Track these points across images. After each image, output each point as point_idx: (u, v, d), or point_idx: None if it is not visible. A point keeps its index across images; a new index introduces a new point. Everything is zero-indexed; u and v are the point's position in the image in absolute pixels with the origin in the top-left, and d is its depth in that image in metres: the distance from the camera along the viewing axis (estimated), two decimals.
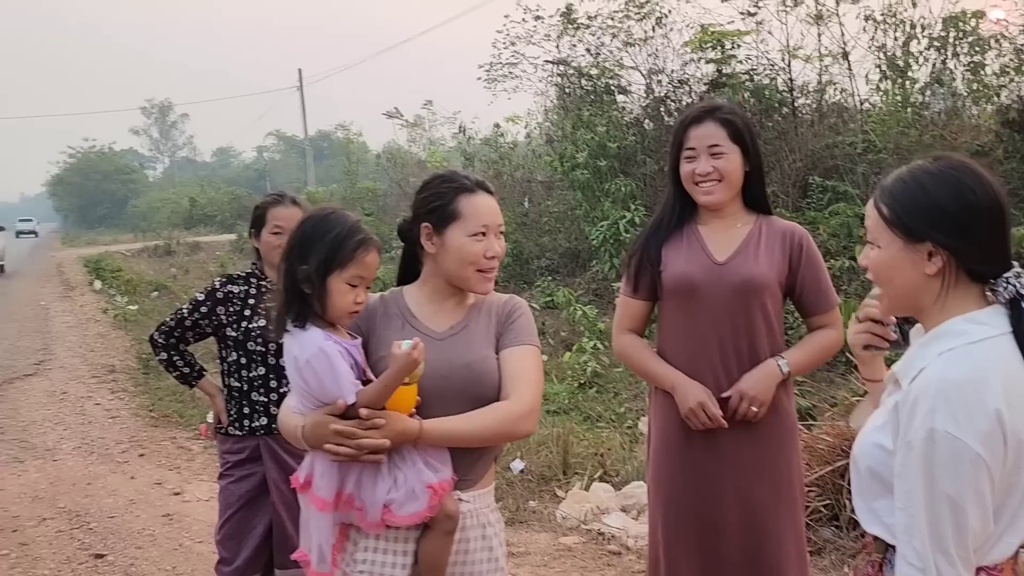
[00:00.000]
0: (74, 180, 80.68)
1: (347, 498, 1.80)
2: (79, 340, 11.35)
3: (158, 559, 4.14)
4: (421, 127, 25.72)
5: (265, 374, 2.84)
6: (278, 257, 2.78)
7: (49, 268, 27.85)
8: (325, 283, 1.81)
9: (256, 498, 2.83)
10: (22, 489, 5.28)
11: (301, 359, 1.77)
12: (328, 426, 1.73)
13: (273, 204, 2.92)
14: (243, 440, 2.86)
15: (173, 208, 54.51)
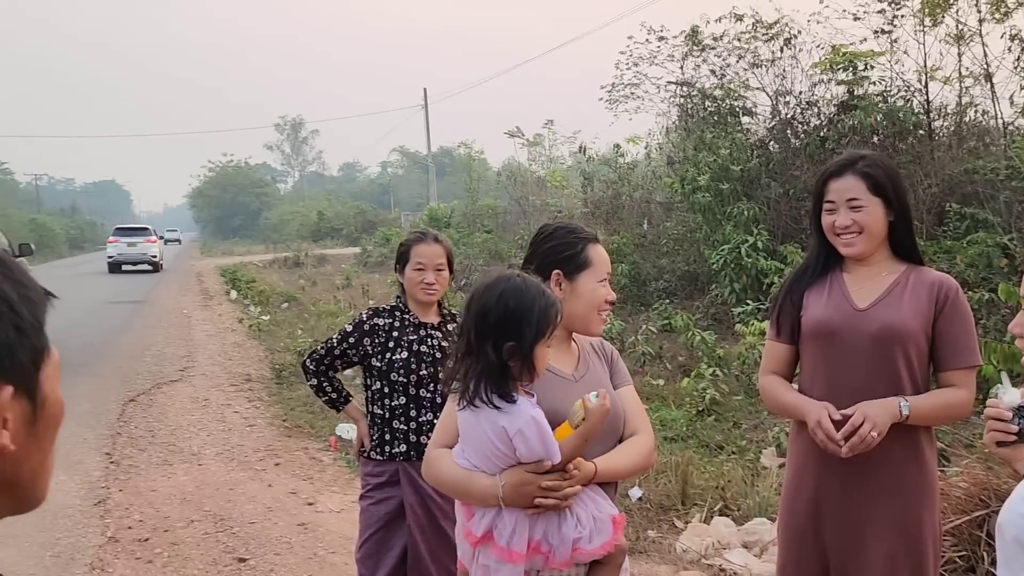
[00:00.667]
0: (212, 192, 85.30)
1: (535, 545, 1.90)
2: (218, 349, 12.06)
3: (295, 567, 4.39)
4: (541, 146, 26.05)
5: (406, 403, 3.01)
6: (421, 292, 2.98)
7: (190, 277, 29.55)
8: (533, 353, 1.89)
9: (394, 520, 3.00)
10: (172, 491, 5.68)
11: (512, 429, 1.86)
12: (536, 484, 1.87)
13: (416, 242, 3.09)
14: (384, 464, 3.03)
15: (302, 221, 56.87)
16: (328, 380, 3.22)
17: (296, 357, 10.05)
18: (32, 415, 0.88)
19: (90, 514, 5.24)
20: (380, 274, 24.30)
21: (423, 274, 3.03)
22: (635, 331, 9.95)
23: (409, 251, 3.08)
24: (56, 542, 4.77)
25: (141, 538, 4.84)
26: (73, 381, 9.61)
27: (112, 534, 4.90)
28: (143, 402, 8.54)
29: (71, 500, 5.49)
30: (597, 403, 1.88)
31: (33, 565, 4.45)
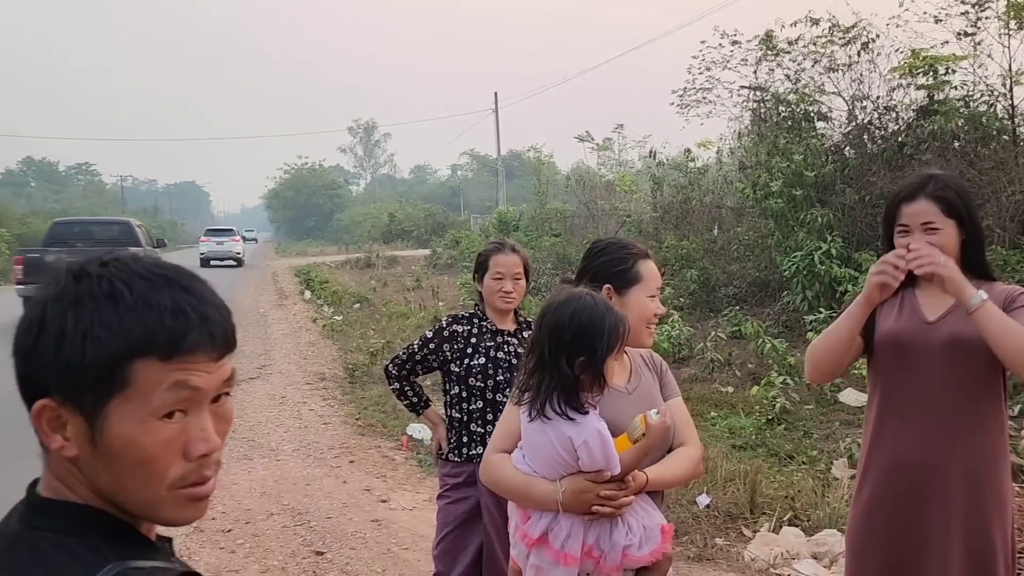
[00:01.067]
0: (287, 194, 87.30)
1: (587, 549, 2.02)
2: (293, 347, 12.42)
3: (370, 561, 4.55)
4: (611, 150, 26.03)
5: (483, 407, 3.12)
6: (499, 300, 3.09)
7: (265, 276, 30.35)
8: (604, 367, 2.00)
9: (470, 519, 3.11)
10: (252, 485, 5.92)
11: (578, 440, 1.96)
12: (595, 492, 1.99)
13: (495, 252, 3.20)
14: (461, 466, 3.15)
15: (373, 222, 57.75)
16: (409, 384, 3.36)
17: (368, 358, 10.31)
18: (90, 435, 0.91)
19: None
20: (449, 276, 24.59)
21: (501, 283, 3.14)
22: (704, 337, 9.91)
23: (488, 261, 3.19)
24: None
25: (224, 529, 5.06)
26: None
27: (197, 524, 5.13)
28: None
29: None
30: (658, 420, 1.98)
31: None
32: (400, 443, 6.94)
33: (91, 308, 0.91)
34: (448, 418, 3.22)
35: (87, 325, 0.90)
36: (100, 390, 0.90)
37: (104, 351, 0.90)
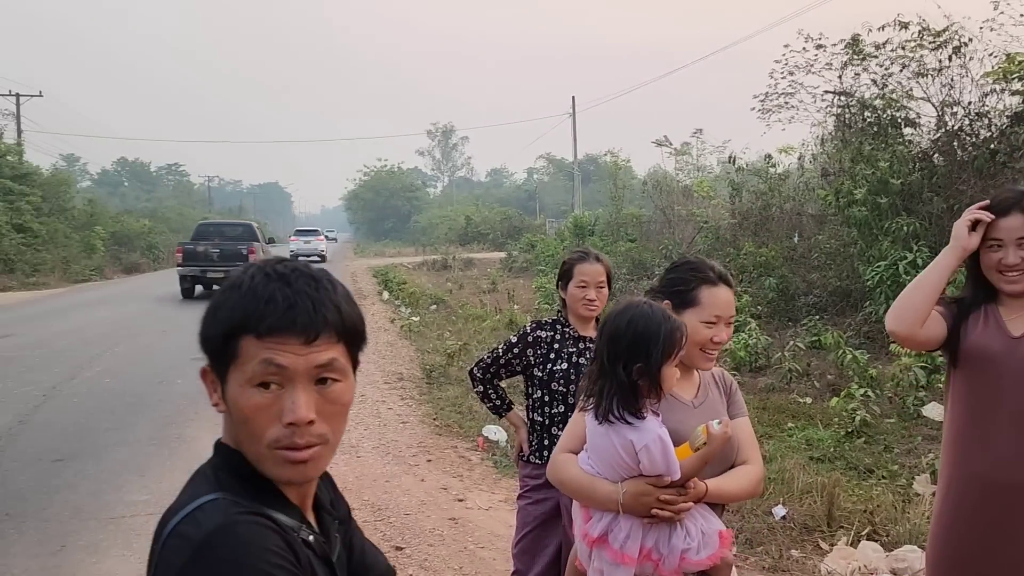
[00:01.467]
0: (367, 196, 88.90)
1: (646, 552, 2.09)
2: (372, 347, 12.67)
3: (447, 558, 4.67)
4: (689, 155, 25.75)
5: (564, 411, 3.20)
6: (583, 308, 3.17)
7: (344, 276, 30.99)
8: (660, 373, 2.08)
9: (549, 520, 3.20)
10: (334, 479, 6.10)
11: (639, 444, 2.05)
12: (654, 495, 2.06)
13: (579, 260, 3.28)
14: (542, 468, 3.23)
15: (450, 225, 58.35)
16: (493, 388, 3.47)
17: (445, 359, 10.49)
18: (224, 395, 1.17)
19: None
20: (525, 279, 24.73)
21: (585, 291, 3.22)
22: (782, 347, 9.78)
23: (572, 269, 3.27)
24: None
25: None
26: None
27: None
28: None
29: None
30: (720, 430, 2.05)
31: None
32: (476, 444, 7.06)
33: (223, 294, 1.17)
34: (530, 421, 3.31)
35: (218, 305, 1.16)
36: (223, 358, 1.15)
37: (220, 327, 1.14)
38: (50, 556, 4.65)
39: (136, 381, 9.86)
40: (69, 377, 10.03)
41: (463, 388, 9.14)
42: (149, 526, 4.90)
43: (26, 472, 6.21)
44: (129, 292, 25.06)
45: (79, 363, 11.07)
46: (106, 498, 5.62)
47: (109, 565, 4.53)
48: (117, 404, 8.58)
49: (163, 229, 49.31)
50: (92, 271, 34.42)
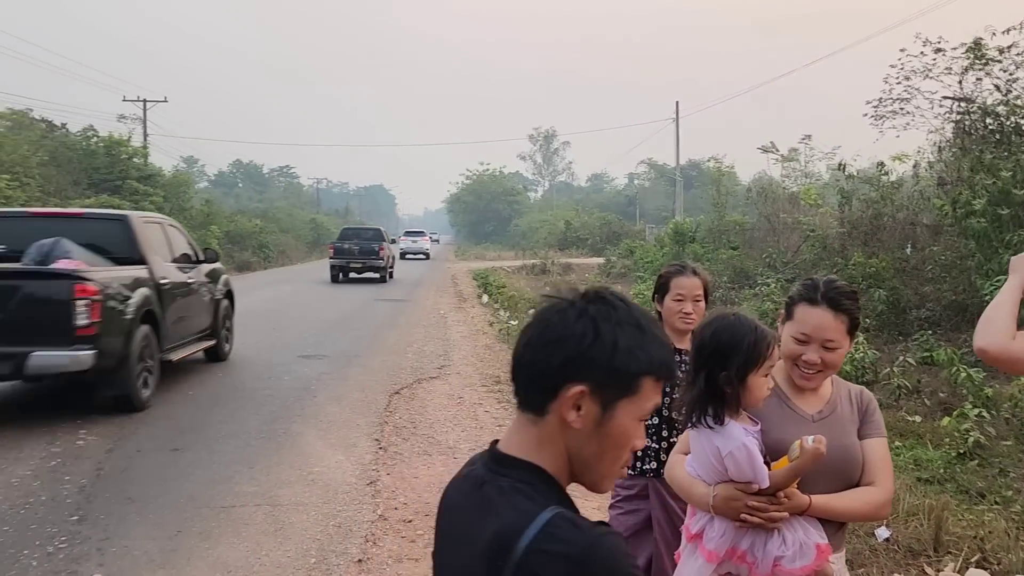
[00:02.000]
0: (468, 199, 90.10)
1: (740, 554, 2.16)
2: (471, 350, 12.89)
3: None
4: (796, 161, 25.13)
5: (659, 424, 3.20)
6: (679, 321, 3.17)
7: (445, 279, 31.51)
8: (745, 382, 2.16)
9: (641, 532, 3.20)
10: (431, 479, 6.25)
11: (724, 450, 2.14)
12: (743, 501, 2.13)
13: (676, 274, 3.28)
14: (634, 479, 3.25)
15: (550, 229, 58.57)
16: None
17: None
18: (599, 420, 1.28)
19: (363, 493, 5.92)
20: (623, 285, 24.59)
21: (682, 304, 3.21)
22: (891, 362, 9.45)
23: (669, 282, 3.27)
24: (337, 514, 5.46)
25: (406, 519, 5.41)
26: (347, 371, 10.75)
27: (382, 513, 5.51)
28: (406, 395, 9.39)
29: (348, 478, 6.23)
30: (812, 446, 2.08)
31: (320, 531, 5.14)
32: None
33: (631, 333, 1.29)
34: None
35: (633, 345, 1.28)
36: (621, 390, 1.28)
37: (637, 365, 1.28)
38: (167, 540, 4.93)
39: (246, 376, 10.31)
40: (182, 370, 10.55)
41: None
42: (257, 516, 5.14)
43: (147, 459, 6.59)
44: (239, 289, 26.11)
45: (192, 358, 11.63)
46: (218, 488, 5.91)
47: (220, 551, 4.77)
48: (229, 398, 8.99)
49: (273, 229, 51.17)
50: None
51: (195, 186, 58.97)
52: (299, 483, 6.08)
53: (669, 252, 24.99)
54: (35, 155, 34.28)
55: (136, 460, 6.57)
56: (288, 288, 24.73)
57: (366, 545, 4.95)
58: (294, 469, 6.41)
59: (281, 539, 4.99)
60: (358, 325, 15.93)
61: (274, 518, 5.33)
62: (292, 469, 6.41)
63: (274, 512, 5.44)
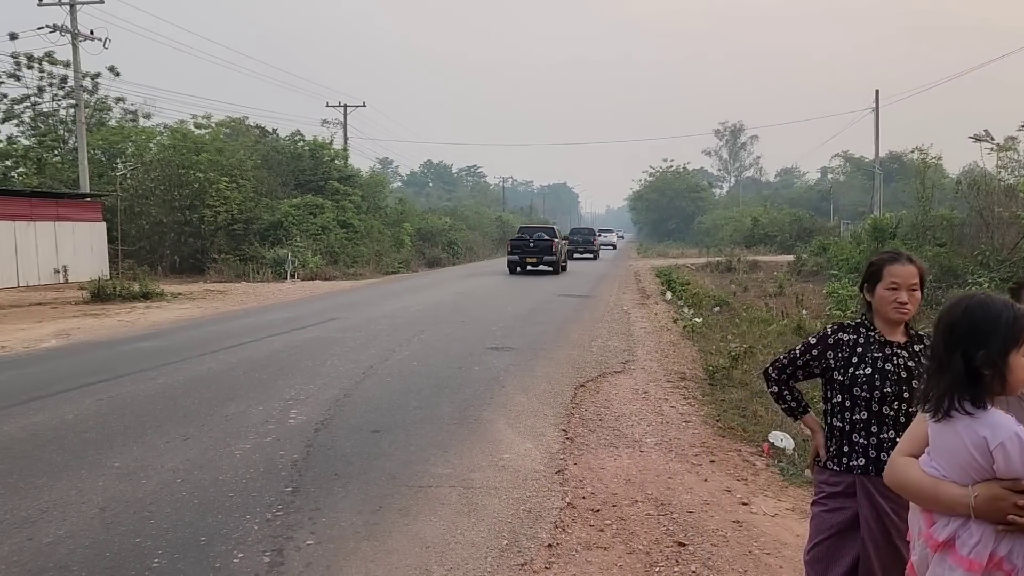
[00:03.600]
0: (651, 196, 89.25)
1: (997, 560, 1.97)
2: (655, 346, 12.79)
3: (731, 559, 4.64)
4: (1014, 151, 23.01)
5: (867, 419, 3.07)
6: (893, 311, 3.02)
7: (628, 276, 31.40)
8: (1006, 362, 1.98)
9: (846, 530, 3.08)
10: (617, 471, 6.29)
11: (993, 442, 1.95)
12: (1011, 501, 1.94)
13: (890, 261, 3.10)
14: (840, 475, 3.13)
15: (736, 226, 56.96)
16: (788, 389, 3.37)
17: (728, 361, 10.30)
18: None
19: (552, 480, 6.05)
20: (815, 283, 23.51)
21: (896, 293, 3.05)
22: None
23: (882, 270, 3.10)
24: (527, 499, 5.61)
25: (593, 508, 5.47)
26: (534, 363, 10.97)
27: (570, 501, 5.61)
28: (591, 388, 9.47)
29: (537, 466, 6.38)
30: None
31: (511, 515, 5.30)
32: (761, 449, 6.90)
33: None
34: (828, 426, 3.20)
35: None
36: None
37: None
38: (370, 514, 5.26)
39: (439, 365, 10.76)
40: (383, 359, 11.17)
41: (748, 391, 8.94)
42: (452, 497, 5.40)
43: (350, 439, 7.05)
44: (430, 284, 27.26)
45: (391, 346, 12.29)
46: (416, 468, 6.23)
47: (418, 528, 5.04)
48: (423, 385, 9.43)
49: (461, 226, 52.97)
50: (400, 264, 37.85)
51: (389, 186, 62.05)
52: (490, 468, 6.29)
53: (866, 249, 23.57)
54: (250, 159, 37.28)
55: (341, 439, 7.04)
56: (474, 283, 25.50)
57: (555, 531, 5.06)
58: (485, 455, 6.65)
59: (475, 520, 5.19)
60: (543, 319, 16.21)
61: (467, 500, 5.56)
62: (483, 455, 6.65)
63: (467, 494, 5.67)
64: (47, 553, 4.57)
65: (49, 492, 5.62)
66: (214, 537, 4.82)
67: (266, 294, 23.78)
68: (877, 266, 3.13)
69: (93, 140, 34.22)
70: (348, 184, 41.12)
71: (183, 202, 33.77)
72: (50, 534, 4.85)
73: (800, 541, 4.44)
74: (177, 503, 5.40)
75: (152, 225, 33.64)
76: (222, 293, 24.24)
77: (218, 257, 32.61)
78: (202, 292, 24.53)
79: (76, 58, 30.85)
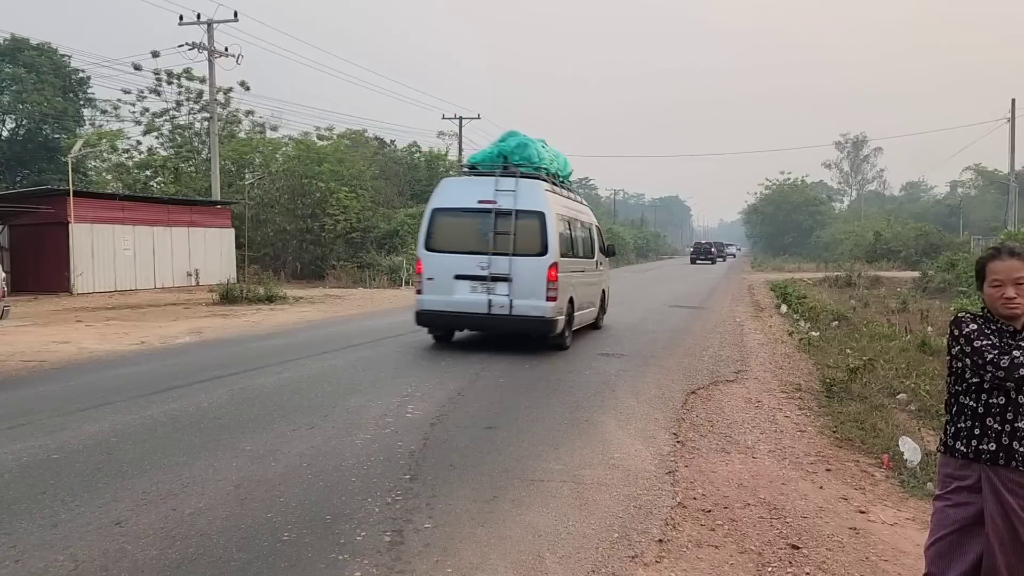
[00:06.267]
0: (767, 210, 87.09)
1: None
2: (768, 357, 12.56)
3: (847, 564, 4.57)
4: None
5: (1004, 404, 3.01)
6: (1002, 308, 2.99)
7: (741, 289, 30.81)
8: None
9: (970, 526, 3.02)
10: (729, 475, 6.26)
11: None
12: None
13: (990, 259, 3.08)
14: (970, 465, 3.06)
15: (856, 241, 55.04)
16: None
17: (847, 374, 10.03)
18: None
19: (662, 480, 6.08)
20: (941, 300, 22.50)
21: (1001, 289, 3.02)
22: None
23: (984, 268, 3.09)
24: (638, 496, 5.66)
25: (704, 509, 5.47)
26: (644, 370, 10.98)
27: (680, 500, 5.63)
28: (702, 395, 9.41)
29: (647, 466, 6.42)
30: None
31: (621, 510, 5.37)
32: (881, 461, 6.72)
33: None
34: (959, 406, 3.12)
35: None
36: None
37: None
38: (485, 503, 5.43)
39: (549, 369, 10.90)
40: (494, 361, 11.40)
41: (867, 405, 8.71)
42: (563, 491, 5.53)
43: (465, 434, 7.26)
44: None
45: (500, 349, 12.51)
46: (528, 463, 6.37)
47: (531, 518, 5.17)
48: (534, 386, 9.59)
49: None
50: None
51: None
52: (601, 466, 6.37)
53: None
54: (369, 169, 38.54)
55: (456, 434, 7.26)
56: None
57: (666, 528, 5.09)
58: (596, 453, 6.73)
59: (585, 513, 5.29)
60: (653, 328, 16.15)
61: (578, 494, 5.65)
62: (594, 453, 6.73)
63: (578, 489, 5.77)
64: (189, 522, 4.93)
65: (189, 470, 6.04)
66: (338, 516, 5.08)
67: (382, 299, 24.54)
68: (980, 265, 3.11)
69: (224, 151, 36.15)
70: None
71: (305, 211, 35.22)
72: (191, 506, 5.23)
73: (921, 551, 4.34)
74: (304, 484, 5.72)
75: (276, 232, 35.22)
76: (340, 298, 25.17)
77: (337, 264, 33.84)
78: (322, 297, 25.54)
79: (212, 74, 32.71)
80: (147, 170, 38.76)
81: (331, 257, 34.66)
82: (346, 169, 36.36)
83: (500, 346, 12.92)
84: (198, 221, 30.00)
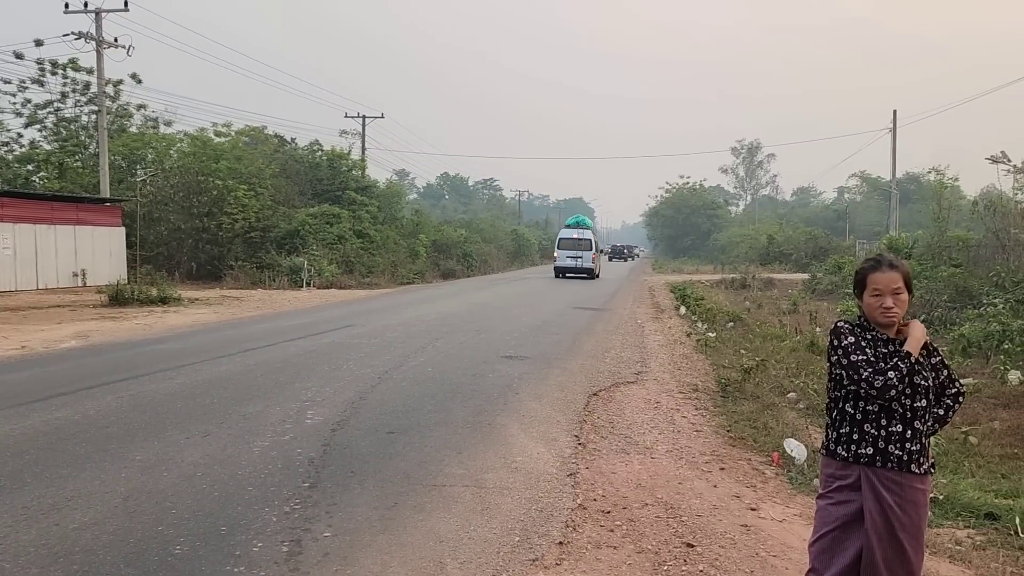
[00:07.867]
0: (667, 212, 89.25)
1: None
2: (668, 358, 12.87)
3: (737, 560, 4.73)
4: None
5: (878, 410, 3.16)
6: (880, 316, 3.15)
7: (642, 291, 31.45)
8: None
9: (852, 523, 3.17)
10: (628, 476, 6.38)
11: None
12: None
13: (871, 270, 3.23)
14: (849, 467, 3.20)
15: (751, 244, 56.92)
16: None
17: (741, 374, 10.39)
18: None
19: (563, 483, 6.14)
20: (829, 302, 23.52)
21: (880, 299, 3.18)
22: None
23: (865, 279, 3.24)
24: (539, 499, 5.71)
25: (604, 510, 5.56)
26: (547, 372, 11.08)
27: (581, 502, 5.70)
28: (604, 397, 9.57)
29: (549, 469, 6.48)
30: None
31: (523, 514, 5.40)
32: (771, 459, 6.98)
33: None
34: (840, 411, 3.26)
35: None
36: None
37: None
38: (386, 510, 5.37)
39: (453, 372, 10.88)
40: (398, 365, 11.30)
41: (759, 404, 9.03)
42: (466, 496, 5.52)
43: (366, 440, 7.17)
44: (444, 294, 27.42)
45: (406, 353, 12.43)
46: (430, 468, 6.34)
47: (432, 524, 5.14)
48: (437, 391, 9.55)
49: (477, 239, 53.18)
50: (415, 275, 38.04)
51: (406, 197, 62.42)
52: (503, 469, 6.40)
53: None
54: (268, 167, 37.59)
55: (357, 439, 7.17)
56: (488, 294, 25.65)
57: (566, 530, 5.15)
58: (498, 457, 6.75)
59: (488, 517, 5.30)
60: (557, 330, 16.31)
61: (481, 498, 5.66)
62: (497, 457, 6.75)
63: (480, 493, 5.77)
64: (73, 538, 4.71)
65: (74, 482, 5.77)
66: (234, 527, 4.94)
67: (282, 301, 24.00)
68: (861, 275, 3.27)
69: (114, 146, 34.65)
70: (365, 194, 41.41)
71: (201, 209, 34.10)
72: (76, 521, 4.99)
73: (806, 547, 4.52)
74: (198, 495, 5.54)
75: (170, 231, 33.98)
76: (238, 299, 24.49)
77: (235, 264, 32.89)
78: (219, 298, 24.80)
79: (100, 65, 31.31)
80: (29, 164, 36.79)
81: (229, 257, 33.66)
82: (244, 167, 35.36)
83: (404, 351, 12.83)
84: (85, 219, 28.67)
